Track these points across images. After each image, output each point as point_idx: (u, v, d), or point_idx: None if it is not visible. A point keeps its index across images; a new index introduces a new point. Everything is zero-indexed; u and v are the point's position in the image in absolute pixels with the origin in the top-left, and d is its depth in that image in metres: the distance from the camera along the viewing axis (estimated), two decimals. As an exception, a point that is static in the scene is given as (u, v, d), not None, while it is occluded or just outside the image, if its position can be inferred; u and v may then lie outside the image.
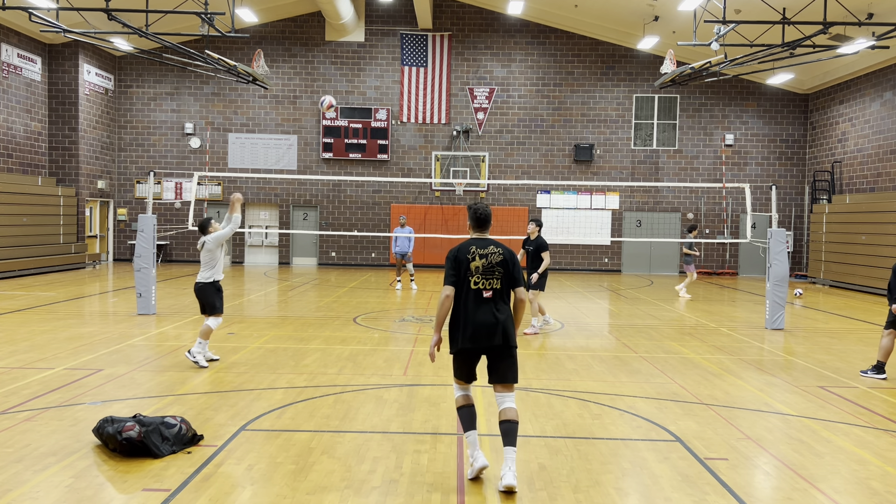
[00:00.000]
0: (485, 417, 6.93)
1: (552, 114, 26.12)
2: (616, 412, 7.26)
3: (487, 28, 26.01)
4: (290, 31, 26.06)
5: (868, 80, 22.30)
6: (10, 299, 15.17)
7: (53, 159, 23.87)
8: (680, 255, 17.61)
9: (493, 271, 5.14)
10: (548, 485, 5.24)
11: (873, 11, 18.10)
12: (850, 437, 6.54)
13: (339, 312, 14.16)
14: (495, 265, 5.15)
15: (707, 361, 9.97)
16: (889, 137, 21.25)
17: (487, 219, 5.33)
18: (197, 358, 8.83)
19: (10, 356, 9.32)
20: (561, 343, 11.27)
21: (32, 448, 5.78)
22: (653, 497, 5.08)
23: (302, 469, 5.44)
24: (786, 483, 5.42)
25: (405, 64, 25.95)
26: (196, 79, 25.93)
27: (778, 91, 26.00)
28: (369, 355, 9.89)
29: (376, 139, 25.89)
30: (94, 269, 23.18)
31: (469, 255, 5.14)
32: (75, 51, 23.51)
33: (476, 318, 5.07)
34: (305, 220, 26.44)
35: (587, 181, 24.42)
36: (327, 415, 6.92)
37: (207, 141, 26.06)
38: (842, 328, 13.66)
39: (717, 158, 26.05)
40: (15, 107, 21.93)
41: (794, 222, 26.27)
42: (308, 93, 26.11)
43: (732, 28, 16.26)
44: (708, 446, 6.18)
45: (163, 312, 13.38)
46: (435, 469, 5.51)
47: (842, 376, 9.15)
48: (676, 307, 16.27)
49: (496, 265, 5.15)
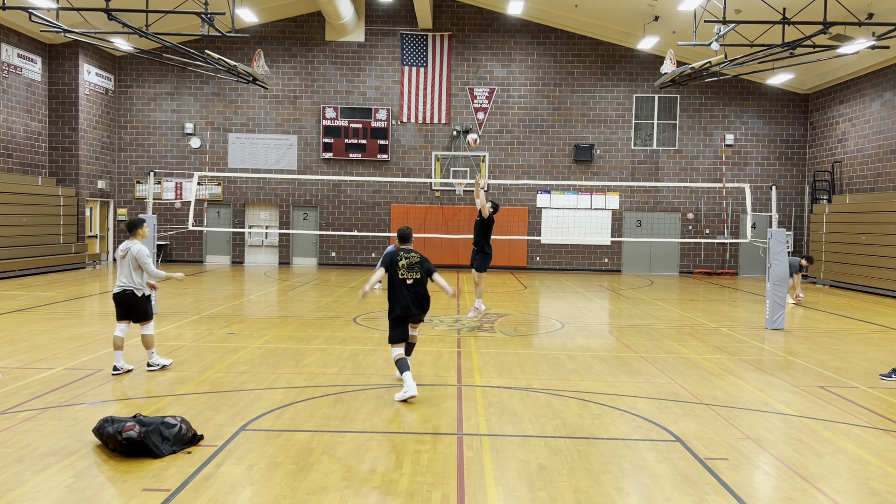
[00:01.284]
0: (484, 417, 6.94)
1: (552, 114, 26.12)
2: (616, 412, 7.26)
3: (487, 28, 26.01)
4: (290, 31, 26.07)
5: (868, 80, 22.30)
6: (10, 299, 15.18)
7: (53, 159, 23.88)
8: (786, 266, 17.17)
9: (413, 268, 7.84)
10: (548, 485, 5.24)
11: (873, 11, 18.10)
12: (850, 437, 6.54)
13: (339, 312, 14.16)
14: (414, 264, 7.86)
15: (707, 361, 9.97)
16: (889, 137, 21.25)
17: (409, 237, 8.17)
18: (159, 361, 8.66)
19: (10, 356, 9.32)
20: (561, 343, 11.27)
21: (32, 448, 5.78)
22: (653, 497, 5.08)
23: (302, 469, 5.44)
24: (786, 483, 5.42)
25: (405, 64, 25.95)
26: (196, 79, 25.93)
27: (778, 91, 26.00)
28: (369, 355, 9.89)
29: (376, 139, 25.89)
30: (94, 269, 23.18)
31: (398, 258, 7.87)
32: (75, 51, 23.52)
33: (404, 297, 7.79)
34: (305, 220, 26.44)
35: (587, 181, 24.43)
36: (327, 415, 6.92)
37: (207, 141, 26.06)
38: (842, 328, 13.66)
39: (717, 158, 26.05)
40: (15, 107, 21.93)
41: (794, 222, 26.27)
42: (308, 93, 26.11)
43: (732, 28, 16.26)
44: (708, 446, 6.17)
45: (163, 312, 13.38)
46: (435, 469, 5.51)
47: (842, 376, 9.15)
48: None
49: (415, 264, 7.87)
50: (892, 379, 8.94)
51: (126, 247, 8.45)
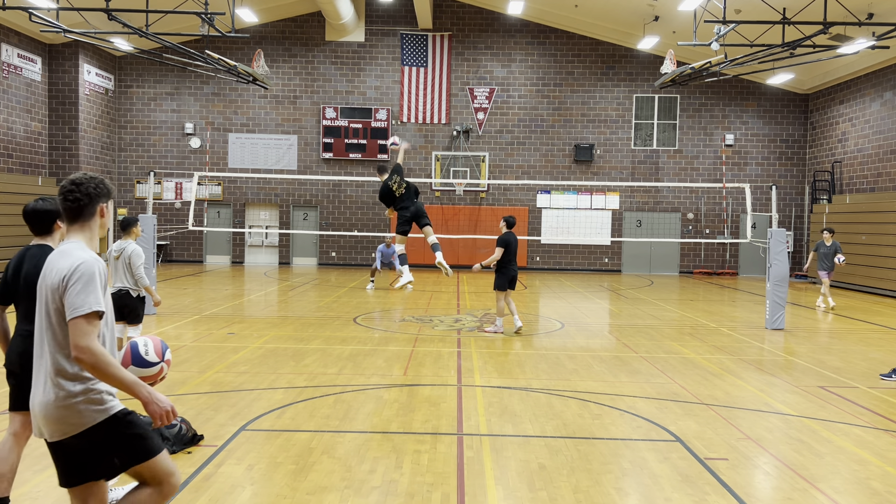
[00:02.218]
0: (484, 417, 6.94)
1: (552, 114, 26.12)
2: (616, 412, 7.26)
3: (487, 28, 26.01)
4: (290, 31, 26.07)
5: (868, 80, 22.30)
6: (11, 299, 15.15)
7: (53, 159, 23.88)
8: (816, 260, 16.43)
9: None
10: (548, 485, 5.24)
11: (873, 11, 18.10)
12: (850, 437, 6.54)
13: (339, 312, 14.16)
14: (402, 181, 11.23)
15: (707, 361, 9.97)
16: (889, 137, 21.25)
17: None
18: None
19: (10, 356, 9.30)
20: (561, 343, 11.27)
21: (32, 448, 5.77)
22: (653, 497, 5.08)
23: (302, 469, 5.44)
24: (786, 483, 5.42)
25: (405, 64, 25.95)
26: (196, 79, 25.94)
27: (778, 91, 26.00)
28: (369, 355, 9.89)
29: (376, 139, 25.89)
30: (95, 269, 23.15)
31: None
32: (75, 51, 23.52)
33: None
34: (305, 220, 26.44)
35: (587, 181, 24.44)
36: (327, 415, 6.92)
37: (207, 141, 26.07)
38: (842, 328, 13.66)
39: (717, 158, 26.05)
40: (15, 107, 21.93)
41: (794, 222, 26.27)
42: (308, 93, 26.12)
43: (732, 28, 16.26)
44: (708, 446, 6.18)
45: (163, 312, 13.38)
46: (435, 469, 5.51)
47: (842, 376, 9.15)
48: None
49: (402, 182, 11.23)
50: (892, 379, 8.94)
51: (120, 247, 8.34)
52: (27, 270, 4.45)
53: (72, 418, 3.23)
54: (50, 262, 3.33)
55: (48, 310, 3.27)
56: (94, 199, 3.39)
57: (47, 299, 3.28)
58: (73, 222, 3.40)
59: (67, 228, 3.43)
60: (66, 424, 3.24)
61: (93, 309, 3.16)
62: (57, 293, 3.23)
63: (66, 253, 3.30)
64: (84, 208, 3.38)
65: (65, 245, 3.35)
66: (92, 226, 3.43)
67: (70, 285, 3.17)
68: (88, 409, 3.26)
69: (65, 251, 3.31)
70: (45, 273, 3.32)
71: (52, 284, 3.25)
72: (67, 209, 3.36)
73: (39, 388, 3.30)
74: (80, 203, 3.36)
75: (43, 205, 4.70)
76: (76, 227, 3.40)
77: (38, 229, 4.70)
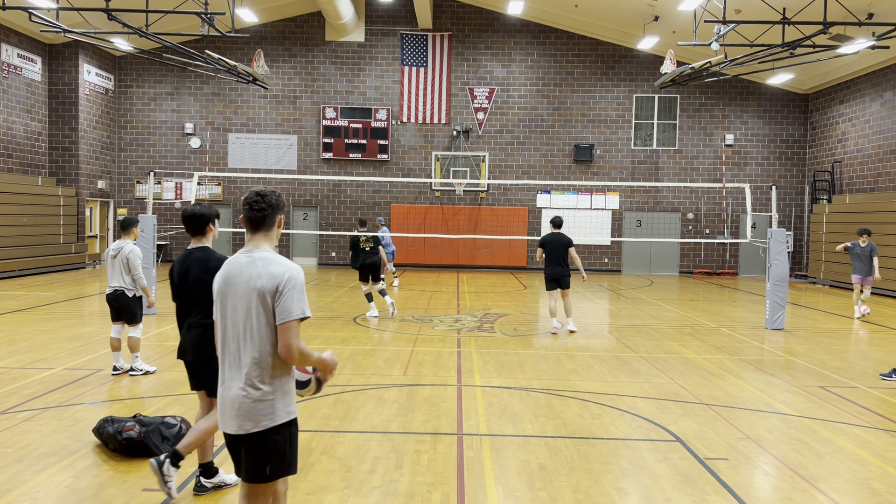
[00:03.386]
0: (484, 417, 6.94)
1: (552, 114, 26.12)
2: (616, 412, 7.26)
3: (487, 28, 26.01)
4: (290, 31, 26.06)
5: (868, 80, 22.30)
6: (10, 299, 15.17)
7: (53, 159, 23.88)
8: None
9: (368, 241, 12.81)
10: (548, 485, 5.24)
11: (873, 11, 18.10)
12: (850, 437, 6.54)
13: (339, 312, 14.16)
14: (370, 238, 12.95)
15: (707, 361, 9.97)
16: (889, 137, 21.25)
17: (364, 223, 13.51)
18: (143, 367, 8.44)
19: (10, 356, 9.32)
20: (561, 343, 11.27)
21: (32, 448, 5.78)
22: (653, 497, 5.08)
23: (302, 469, 5.43)
24: (786, 483, 5.42)
25: (405, 64, 25.95)
26: (196, 79, 25.93)
27: (778, 91, 26.00)
28: (369, 355, 9.89)
29: (376, 139, 25.89)
30: (94, 269, 23.18)
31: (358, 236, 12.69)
32: (75, 51, 23.51)
33: None
34: (305, 220, 26.44)
35: (587, 181, 24.42)
36: (327, 415, 6.91)
37: (207, 141, 26.06)
38: (842, 328, 13.66)
39: (717, 158, 26.05)
40: (15, 107, 21.93)
41: (794, 222, 26.27)
42: (308, 93, 26.11)
43: (732, 28, 16.26)
44: (708, 446, 6.18)
45: (162, 312, 13.37)
46: (435, 469, 5.51)
47: (842, 376, 9.15)
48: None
49: (370, 238, 12.93)
50: (892, 379, 8.94)
51: (118, 246, 8.35)
52: (198, 272, 4.90)
53: (265, 412, 3.41)
54: (249, 266, 3.47)
55: (255, 311, 3.41)
56: (276, 209, 3.61)
57: (252, 301, 3.41)
58: (256, 231, 3.59)
59: (250, 236, 3.61)
60: (261, 418, 3.41)
61: (305, 314, 3.44)
62: (269, 296, 3.40)
63: (272, 261, 3.47)
64: (267, 217, 3.58)
65: (263, 252, 3.52)
66: (273, 234, 3.63)
67: (286, 291, 3.39)
68: (280, 407, 3.45)
69: (267, 258, 3.48)
70: (250, 276, 3.45)
71: (265, 288, 3.40)
72: (253, 218, 3.56)
73: (235, 382, 3.44)
74: (265, 213, 3.56)
75: (199, 209, 5.21)
76: (260, 234, 3.59)
77: (195, 230, 5.16)
